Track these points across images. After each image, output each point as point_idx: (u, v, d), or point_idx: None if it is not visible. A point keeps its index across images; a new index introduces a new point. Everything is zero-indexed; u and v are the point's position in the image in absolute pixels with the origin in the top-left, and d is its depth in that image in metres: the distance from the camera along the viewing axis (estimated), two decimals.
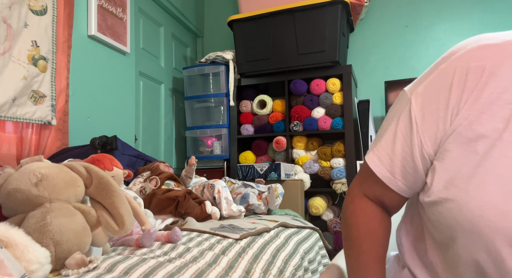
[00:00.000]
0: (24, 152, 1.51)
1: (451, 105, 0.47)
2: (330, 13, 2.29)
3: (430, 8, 2.61)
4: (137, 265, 0.74)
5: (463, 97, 0.46)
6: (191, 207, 1.37)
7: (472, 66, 0.46)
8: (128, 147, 1.67)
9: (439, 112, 0.48)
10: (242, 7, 2.55)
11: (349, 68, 2.36)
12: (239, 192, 1.74)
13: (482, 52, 0.46)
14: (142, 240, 0.91)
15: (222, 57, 2.59)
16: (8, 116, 1.40)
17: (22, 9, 1.46)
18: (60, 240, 0.68)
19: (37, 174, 0.72)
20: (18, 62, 1.44)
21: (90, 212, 0.76)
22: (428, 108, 0.49)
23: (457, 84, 0.47)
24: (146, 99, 2.48)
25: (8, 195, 0.71)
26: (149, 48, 2.55)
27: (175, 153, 2.85)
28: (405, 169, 0.53)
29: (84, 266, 0.69)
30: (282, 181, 2.10)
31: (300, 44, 2.38)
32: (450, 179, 0.47)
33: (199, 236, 1.07)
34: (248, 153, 2.58)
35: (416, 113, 0.50)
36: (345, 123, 2.31)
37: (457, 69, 0.48)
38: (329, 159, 2.38)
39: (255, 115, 2.61)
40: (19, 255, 0.60)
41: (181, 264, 0.79)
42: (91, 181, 0.80)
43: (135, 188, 1.41)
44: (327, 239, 2.05)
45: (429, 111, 0.49)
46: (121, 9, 2.05)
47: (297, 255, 1.21)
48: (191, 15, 3.07)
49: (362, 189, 0.61)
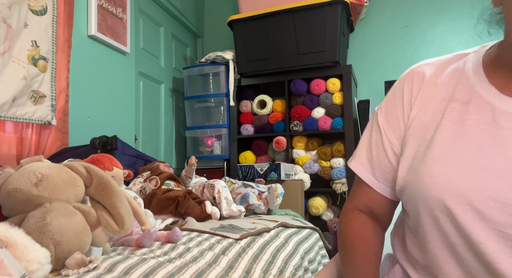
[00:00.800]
0: (24, 152, 1.51)
1: (405, 107, 0.61)
2: (330, 13, 2.29)
3: (430, 8, 2.61)
4: (137, 265, 0.74)
5: (412, 98, 0.61)
6: (191, 207, 1.37)
7: (415, 75, 0.62)
8: (128, 147, 1.67)
9: (398, 116, 0.62)
10: (242, 7, 2.55)
11: (349, 68, 2.36)
12: (239, 192, 1.74)
13: (422, 67, 0.63)
14: (142, 240, 0.91)
15: (222, 57, 2.59)
16: (8, 116, 1.40)
17: (22, 9, 1.46)
18: (60, 240, 0.68)
19: (37, 174, 0.72)
20: (18, 62, 1.44)
21: (90, 212, 0.76)
22: (390, 115, 0.63)
23: (407, 89, 0.62)
24: (146, 99, 2.48)
25: (8, 195, 0.71)
26: (149, 48, 2.55)
27: (175, 153, 2.85)
28: (383, 170, 0.64)
29: (84, 266, 0.69)
30: (282, 181, 2.10)
31: (300, 44, 2.37)
32: (410, 164, 0.58)
33: (199, 236, 1.07)
34: (248, 153, 2.58)
35: (382, 121, 0.64)
36: (345, 123, 2.31)
37: (405, 80, 0.63)
38: (329, 159, 2.38)
39: (255, 115, 2.61)
40: (19, 255, 0.60)
41: (181, 264, 0.79)
42: (91, 181, 0.80)
43: (135, 188, 1.41)
44: (327, 239, 2.05)
45: (390, 117, 0.63)
46: (121, 9, 2.05)
47: (297, 255, 1.21)
48: (191, 15, 3.07)
49: (354, 203, 0.69)
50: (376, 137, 0.64)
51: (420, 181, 0.55)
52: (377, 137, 0.64)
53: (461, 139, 0.53)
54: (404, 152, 0.60)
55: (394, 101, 0.63)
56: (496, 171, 0.49)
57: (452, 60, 0.61)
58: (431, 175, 0.53)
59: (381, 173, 0.64)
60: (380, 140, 0.64)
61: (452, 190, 0.51)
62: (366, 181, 0.66)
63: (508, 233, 0.47)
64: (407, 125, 0.60)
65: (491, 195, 0.48)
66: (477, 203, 0.49)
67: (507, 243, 0.48)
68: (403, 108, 0.61)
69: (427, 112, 0.58)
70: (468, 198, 0.50)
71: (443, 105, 0.57)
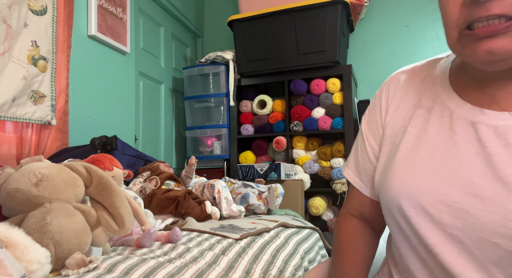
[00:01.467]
0: (24, 152, 1.51)
1: (383, 114, 0.64)
2: (330, 13, 2.29)
3: (430, 8, 2.60)
4: (137, 265, 0.74)
5: (388, 104, 0.64)
6: (191, 207, 1.37)
7: (392, 82, 0.65)
8: (128, 147, 1.67)
9: (377, 121, 0.65)
10: (242, 7, 2.54)
11: (349, 68, 2.36)
12: (239, 192, 1.74)
13: (399, 75, 0.65)
14: (142, 240, 0.91)
15: (222, 57, 2.59)
16: (8, 116, 1.40)
17: (22, 9, 1.46)
18: (60, 240, 0.68)
19: (37, 174, 0.72)
20: (18, 62, 1.44)
21: (90, 212, 0.76)
22: (371, 122, 0.67)
23: (384, 96, 0.65)
24: (146, 99, 2.48)
25: (8, 195, 0.71)
26: (149, 48, 2.55)
27: (175, 153, 2.85)
28: (368, 173, 0.67)
29: (84, 266, 0.69)
30: (282, 181, 2.10)
31: (300, 44, 2.37)
32: (381, 168, 0.62)
33: (199, 236, 1.07)
34: (248, 153, 2.58)
35: (365, 128, 0.68)
36: (345, 123, 2.31)
37: (384, 88, 0.66)
38: (329, 159, 2.38)
39: (255, 115, 2.61)
40: (19, 255, 0.60)
41: (181, 265, 0.79)
42: (91, 181, 0.79)
43: (135, 188, 1.41)
44: (327, 239, 2.05)
45: (371, 123, 0.67)
46: (121, 9, 2.04)
47: (297, 255, 1.21)
48: (191, 15, 3.07)
49: (346, 208, 0.72)
50: (361, 142, 0.68)
51: (386, 185, 0.58)
52: (361, 142, 0.68)
53: (421, 145, 0.55)
54: (379, 157, 0.63)
55: (374, 108, 0.67)
56: (446, 175, 0.51)
57: (425, 66, 0.63)
58: (393, 179, 0.56)
59: (366, 176, 0.67)
60: (363, 145, 0.67)
61: (406, 194, 0.54)
62: (354, 185, 0.69)
63: (456, 235, 0.49)
64: (384, 131, 0.63)
65: (440, 198, 0.50)
66: (427, 206, 0.51)
67: (456, 244, 0.50)
68: (381, 114, 0.65)
69: (398, 118, 0.61)
70: (420, 201, 0.52)
71: (411, 112, 0.59)
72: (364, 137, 0.67)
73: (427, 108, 0.57)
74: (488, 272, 0.48)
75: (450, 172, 0.50)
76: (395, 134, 0.60)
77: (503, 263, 0.47)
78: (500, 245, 0.46)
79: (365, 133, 0.67)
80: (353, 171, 0.70)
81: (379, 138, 0.64)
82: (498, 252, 0.46)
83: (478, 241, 0.48)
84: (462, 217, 0.48)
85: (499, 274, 0.47)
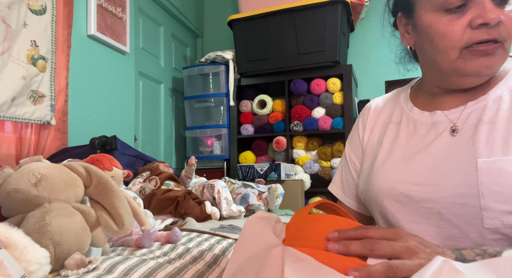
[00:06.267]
0: (23, 152, 1.51)
1: (360, 134, 0.79)
2: (330, 12, 2.29)
3: None
4: (137, 266, 0.73)
5: (365, 126, 0.79)
6: (191, 207, 1.37)
7: (366, 109, 0.81)
8: (128, 147, 1.67)
9: (357, 141, 0.79)
10: (242, 7, 2.54)
11: (349, 68, 2.35)
12: (239, 192, 1.74)
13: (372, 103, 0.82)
14: (142, 241, 0.90)
15: (222, 57, 2.58)
16: (7, 116, 1.39)
17: (21, 9, 1.46)
18: (60, 240, 0.68)
19: (37, 174, 0.72)
20: (17, 62, 1.43)
21: (89, 212, 0.76)
22: (352, 142, 0.81)
23: (361, 120, 0.81)
24: (145, 99, 2.48)
25: (7, 196, 0.71)
26: (148, 48, 2.55)
27: (175, 153, 2.84)
28: (350, 187, 0.80)
29: (83, 266, 0.69)
30: (282, 181, 2.10)
31: (300, 43, 2.37)
32: (366, 175, 0.73)
33: (199, 236, 1.07)
34: (248, 153, 2.58)
35: (348, 149, 0.82)
36: (345, 123, 2.31)
37: (361, 114, 0.83)
38: (329, 159, 2.38)
39: (255, 115, 2.60)
40: (19, 255, 0.60)
41: (180, 266, 0.79)
42: (91, 181, 0.79)
43: (134, 188, 1.41)
44: None
45: (353, 143, 0.81)
46: (120, 8, 2.04)
47: None
48: (191, 14, 3.06)
49: None
50: (344, 162, 0.82)
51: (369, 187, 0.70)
52: (345, 161, 0.82)
53: (394, 150, 0.69)
54: (362, 168, 0.76)
55: (354, 131, 0.83)
56: (418, 164, 0.63)
57: (392, 95, 0.80)
58: (375, 178, 0.69)
59: (348, 189, 0.80)
60: (346, 164, 0.81)
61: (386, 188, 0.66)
62: (338, 197, 0.82)
63: (431, 208, 0.60)
64: (364, 148, 0.77)
65: (412, 181, 0.63)
66: (403, 190, 0.63)
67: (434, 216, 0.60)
68: (358, 135, 0.79)
69: (375, 135, 0.76)
70: (397, 189, 0.64)
71: (384, 128, 0.74)
72: (347, 156, 0.81)
73: (396, 122, 0.73)
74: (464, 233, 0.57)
75: (419, 161, 0.63)
76: (374, 147, 0.74)
77: (474, 221, 0.56)
78: (467, 204, 0.56)
79: (348, 153, 0.81)
80: (337, 186, 0.83)
81: (360, 154, 0.78)
82: (468, 210, 0.56)
83: (451, 207, 0.58)
84: (432, 191, 0.60)
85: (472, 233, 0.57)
